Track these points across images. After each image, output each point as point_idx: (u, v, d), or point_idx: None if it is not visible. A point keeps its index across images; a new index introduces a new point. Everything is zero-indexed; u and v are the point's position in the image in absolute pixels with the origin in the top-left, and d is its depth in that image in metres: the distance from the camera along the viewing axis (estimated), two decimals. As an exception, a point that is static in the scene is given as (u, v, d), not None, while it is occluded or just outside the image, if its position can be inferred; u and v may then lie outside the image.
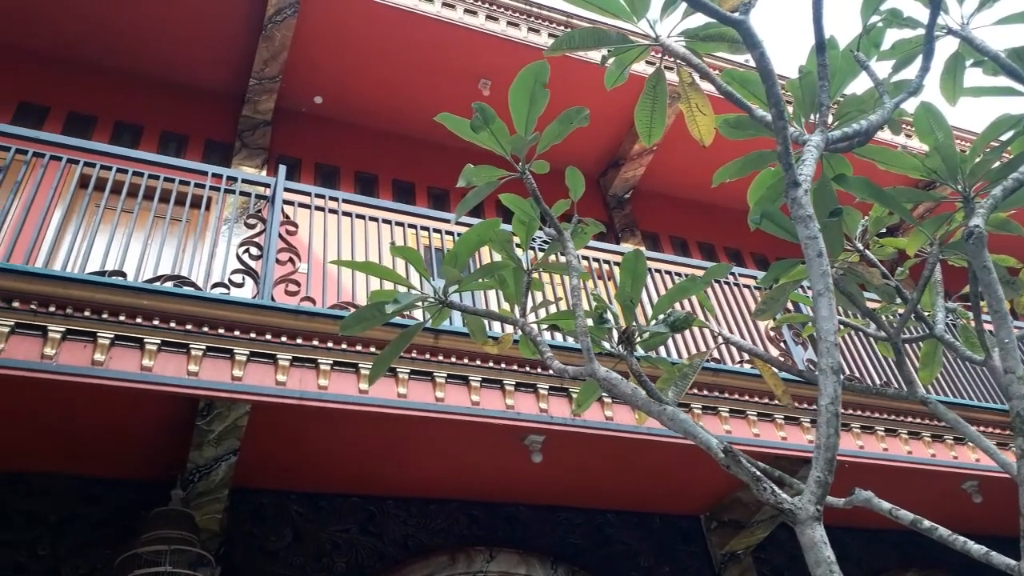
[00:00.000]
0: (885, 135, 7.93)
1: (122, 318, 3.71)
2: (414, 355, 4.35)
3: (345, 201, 5.13)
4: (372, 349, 4.32)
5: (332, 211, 5.02)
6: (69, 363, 3.56)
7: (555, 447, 4.91)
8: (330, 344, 4.22)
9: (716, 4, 1.77)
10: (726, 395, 5.07)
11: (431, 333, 4.38)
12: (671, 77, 7.62)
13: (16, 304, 3.57)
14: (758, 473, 1.43)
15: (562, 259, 4.28)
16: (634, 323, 2.24)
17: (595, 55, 7.54)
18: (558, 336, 4.87)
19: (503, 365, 4.48)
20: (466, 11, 7.16)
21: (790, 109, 2.17)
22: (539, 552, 5.58)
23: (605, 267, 5.61)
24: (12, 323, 3.53)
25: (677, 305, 4.93)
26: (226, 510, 4.64)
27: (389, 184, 7.68)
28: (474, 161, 7.36)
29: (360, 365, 4.25)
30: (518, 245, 2.35)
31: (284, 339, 4.08)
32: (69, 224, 5.27)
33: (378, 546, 5.13)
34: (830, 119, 2.07)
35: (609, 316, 2.33)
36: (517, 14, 7.30)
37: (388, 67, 7.37)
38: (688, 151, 7.14)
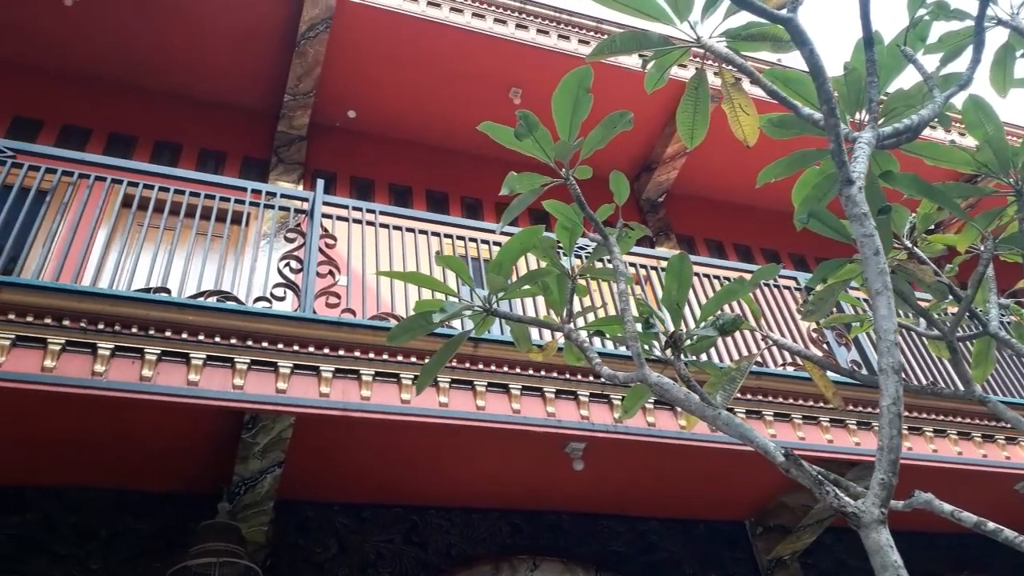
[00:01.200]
0: (924, 130, 7.80)
1: (168, 334, 3.77)
2: (454, 364, 4.36)
3: (382, 213, 5.17)
4: (413, 359, 4.33)
5: (370, 223, 5.06)
6: (118, 379, 3.62)
7: (597, 454, 4.88)
8: (371, 355, 4.24)
9: (762, 2, 1.75)
10: (770, 398, 5.00)
11: (471, 342, 4.38)
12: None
13: (67, 322, 3.65)
14: (820, 476, 1.41)
15: (604, 264, 4.27)
16: (681, 327, 2.22)
17: (626, 60, 7.51)
18: (600, 342, 4.84)
19: (543, 372, 4.46)
20: (496, 20, 7.18)
21: (835, 106, 2.14)
22: (582, 560, 5.55)
23: (642, 271, 5.58)
24: (63, 341, 3.61)
25: (725, 308, 4.88)
26: (271, 522, 4.68)
27: (423, 195, 7.73)
28: (507, 169, 7.37)
29: (401, 375, 4.27)
30: (561, 251, 2.35)
31: (326, 351, 4.12)
32: (113, 243, 5.37)
33: (422, 556, 5.13)
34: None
35: (655, 321, 2.31)
36: (546, 21, 7.31)
37: (419, 79, 7.43)
38: (722, 153, 7.06)
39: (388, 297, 5.27)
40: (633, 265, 5.48)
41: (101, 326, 3.68)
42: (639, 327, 2.33)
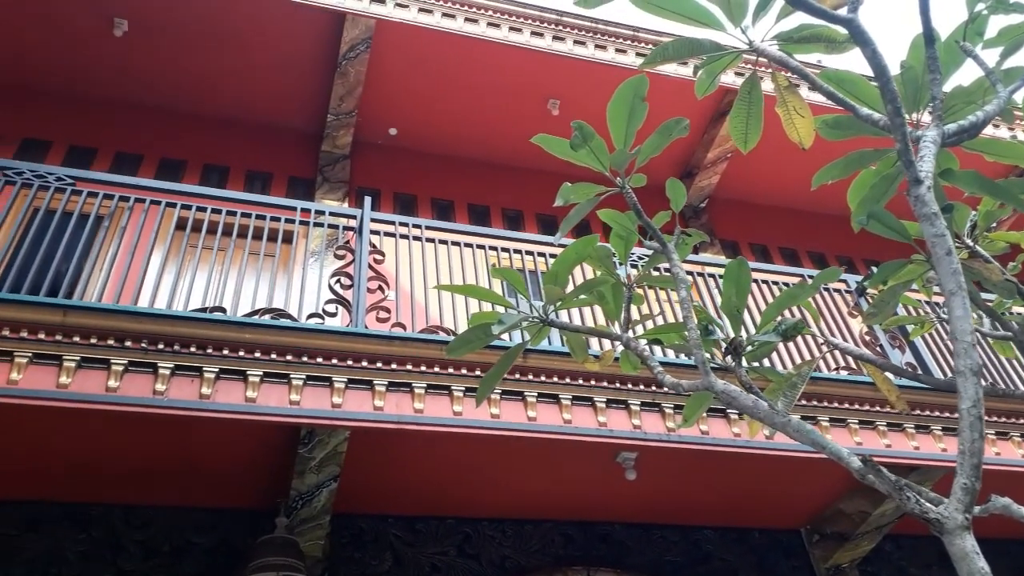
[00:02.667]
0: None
1: (226, 352, 3.85)
2: (504, 375, 4.37)
3: (428, 228, 5.23)
4: (463, 371, 4.36)
5: (416, 238, 5.11)
6: (179, 398, 3.71)
7: (649, 463, 4.85)
8: (423, 368, 4.28)
9: (818, 3, 1.74)
10: (824, 403, 4.92)
11: (521, 353, 4.39)
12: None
13: (128, 343, 3.75)
14: (901, 483, 1.39)
15: (660, 272, 4.26)
16: (741, 333, 2.21)
17: (664, 66, 7.50)
18: (657, 351, 4.81)
19: (593, 382, 4.46)
20: (533, 33, 7.22)
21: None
22: (637, 571, 5.50)
23: (687, 278, 5.54)
24: (126, 361, 3.71)
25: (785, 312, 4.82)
26: (328, 536, 4.73)
27: (464, 208, 7.79)
28: (547, 181, 7.39)
29: (453, 387, 4.30)
30: (616, 260, 2.34)
31: (379, 365, 4.17)
32: (167, 265, 5.50)
33: (476, 568, 5.14)
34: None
35: (714, 328, 2.29)
36: (583, 32, 7.33)
37: (458, 94, 7.50)
38: (764, 157, 6.98)
39: (435, 311, 5.31)
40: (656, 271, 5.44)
41: (161, 346, 3.77)
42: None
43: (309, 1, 6.61)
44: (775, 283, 5.68)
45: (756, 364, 2.37)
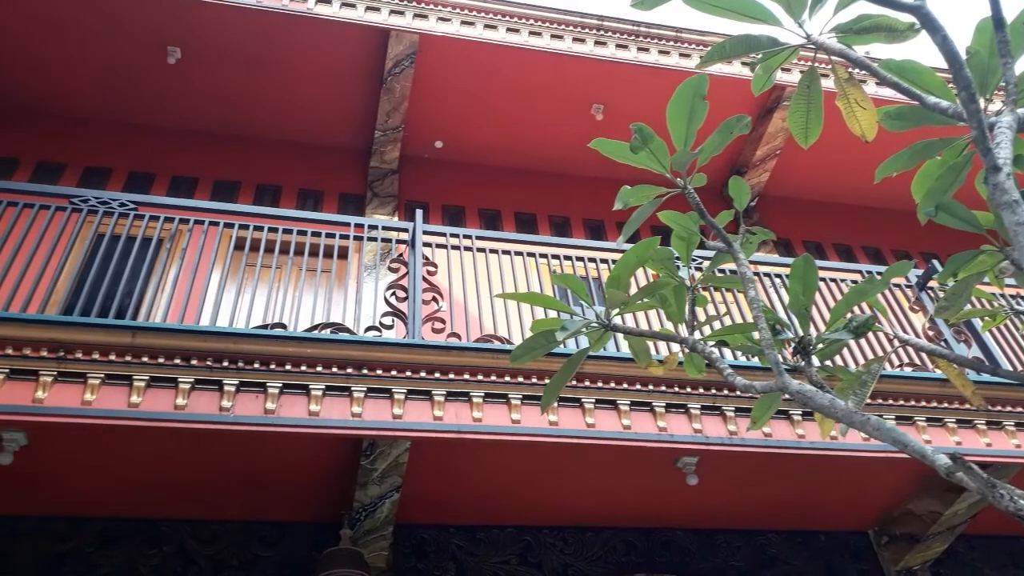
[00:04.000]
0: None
1: (288, 367, 3.92)
2: (561, 382, 4.36)
3: (479, 238, 5.26)
4: (520, 379, 4.37)
5: (467, 248, 5.15)
6: (245, 413, 3.79)
7: (711, 468, 4.79)
8: (480, 377, 4.30)
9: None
10: (890, 401, 4.80)
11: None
12: (791, 75, 7.35)
13: (194, 362, 3.84)
14: (992, 480, 1.34)
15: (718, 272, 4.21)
16: (810, 332, 2.17)
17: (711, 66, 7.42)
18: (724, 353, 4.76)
19: (651, 387, 4.42)
20: (575, 40, 7.23)
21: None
22: (701, 577, 5.43)
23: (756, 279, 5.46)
24: (192, 379, 3.80)
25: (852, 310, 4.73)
26: (391, 547, 4.77)
27: (512, 217, 7.81)
28: (593, 186, 7.40)
29: (510, 395, 4.31)
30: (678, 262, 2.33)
31: (437, 375, 4.20)
32: (225, 283, 5.63)
33: (538, 577, 5.13)
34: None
35: (781, 327, 2.26)
36: (625, 35, 7.31)
37: (503, 104, 7.53)
38: (813, 152, 6.87)
39: (488, 320, 5.33)
40: (733, 271, 5.38)
41: (226, 363, 3.86)
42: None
43: (354, 20, 6.73)
44: (834, 280, 5.57)
45: (823, 363, 2.33)
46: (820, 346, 2.20)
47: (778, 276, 5.49)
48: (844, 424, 1.72)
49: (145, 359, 3.81)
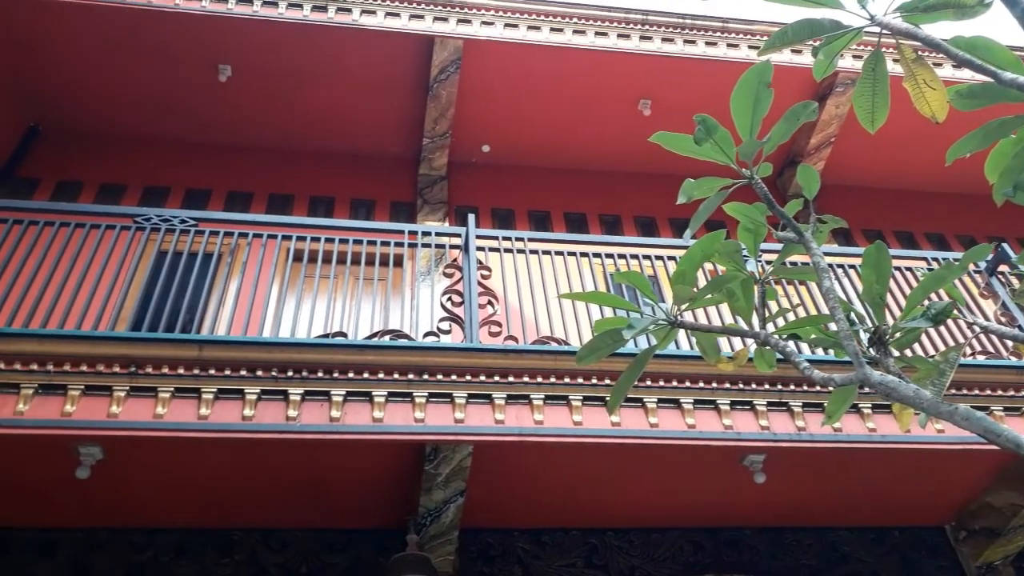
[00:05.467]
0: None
1: (351, 375, 3.97)
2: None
3: (531, 240, 5.25)
4: (580, 380, 4.35)
5: (520, 251, 5.14)
6: (310, 422, 3.84)
7: (778, 465, 4.68)
8: (539, 379, 4.29)
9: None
10: (964, 391, 4.64)
11: (634, 358, 4.33)
12: (851, 64, 7.18)
13: (260, 373, 3.91)
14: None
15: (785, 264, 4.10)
16: (886, 321, 2.10)
17: (753, 54, 7.30)
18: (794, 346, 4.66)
19: (715, 384, 4.35)
20: (619, 36, 7.17)
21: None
22: (771, 576, 5.32)
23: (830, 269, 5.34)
24: (259, 390, 3.87)
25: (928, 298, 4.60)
26: (457, 551, 4.78)
27: (561, 217, 7.78)
28: (642, 182, 7.30)
29: (571, 397, 4.29)
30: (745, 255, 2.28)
31: (496, 378, 4.20)
32: (283, 294, 5.73)
33: (605, 579, 5.09)
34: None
35: (855, 317, 2.20)
36: (670, 29, 7.23)
37: (548, 105, 7.52)
38: (869, 138, 6.70)
39: (544, 322, 5.31)
40: (794, 263, 5.26)
41: (290, 373, 3.92)
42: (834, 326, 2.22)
43: (398, 29, 6.79)
44: (898, 269, 5.41)
45: (899, 353, 2.25)
46: (896, 336, 2.13)
47: (840, 267, 5.35)
48: (929, 415, 1.65)
49: (212, 371, 3.89)
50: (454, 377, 4.11)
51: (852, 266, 5.49)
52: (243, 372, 3.91)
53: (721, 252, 2.19)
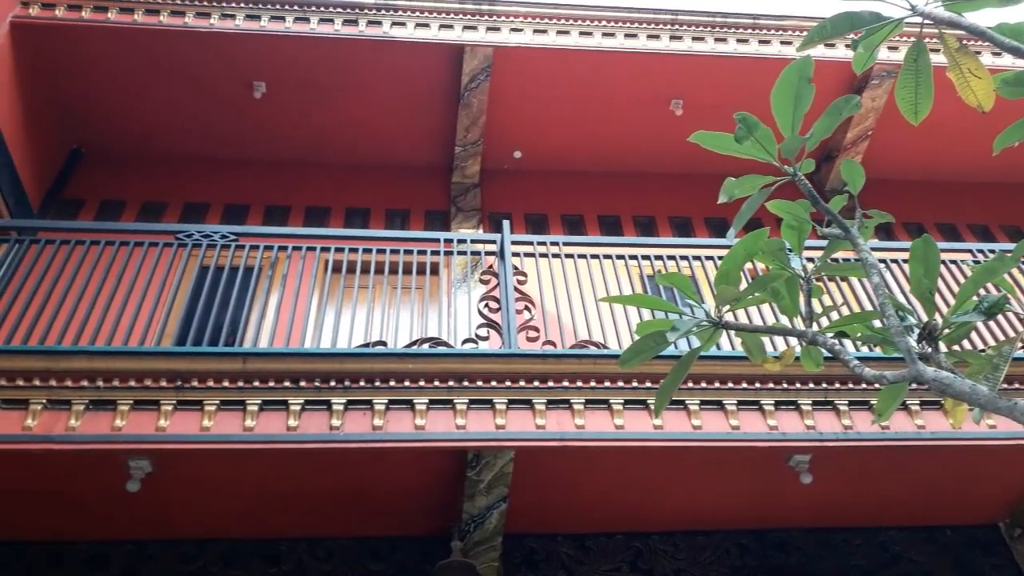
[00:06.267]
0: None
1: (392, 383, 4.00)
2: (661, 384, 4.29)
3: (566, 244, 5.25)
4: (620, 384, 4.33)
5: (555, 255, 5.14)
6: (354, 431, 3.88)
7: (825, 465, 4.61)
8: (579, 383, 4.28)
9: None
10: (1016, 385, 4.53)
11: (676, 360, 4.30)
12: (886, 55, 7.07)
13: (303, 383, 3.95)
14: None
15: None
16: (935, 316, 2.06)
17: (786, 49, 7.22)
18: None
19: (758, 385, 4.30)
20: (649, 37, 7.14)
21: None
22: (821, 578, 5.23)
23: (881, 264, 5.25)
24: (302, 400, 3.91)
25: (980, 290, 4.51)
26: (501, 557, 4.78)
27: (595, 220, 7.76)
28: (676, 183, 7.24)
29: (611, 401, 4.27)
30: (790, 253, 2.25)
31: (536, 383, 4.20)
32: (324, 305, 5.79)
33: (651, 583, 5.04)
34: None
35: (904, 313, 2.16)
36: (701, 27, 7.18)
37: (579, 109, 7.51)
38: (909, 130, 6.59)
39: (582, 326, 5.30)
40: (835, 260, 5.18)
41: (333, 383, 3.96)
42: (878, 323, 2.18)
43: (429, 39, 6.84)
44: (942, 261, 5.30)
45: (961, 348, 2.21)
46: (947, 331, 2.09)
47: (883, 261, 5.26)
48: (985, 411, 1.62)
49: (256, 383, 3.95)
50: (494, 383, 4.12)
51: (895, 260, 5.40)
52: (287, 383, 3.96)
53: (765, 251, 2.17)
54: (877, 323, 2.22)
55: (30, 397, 3.89)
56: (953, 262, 5.40)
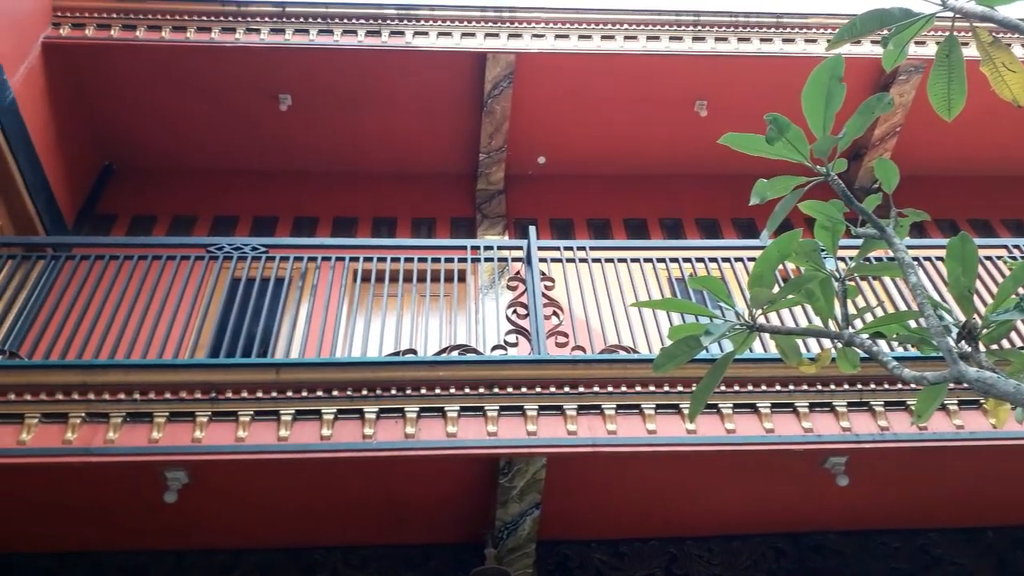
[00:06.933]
0: None
1: (423, 391, 4.01)
2: (694, 388, 4.26)
3: (593, 248, 5.24)
4: (651, 388, 4.31)
5: (583, 260, 5.13)
6: (386, 439, 3.89)
7: (861, 466, 4.54)
8: (610, 388, 4.27)
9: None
10: (1058, 383, 4.43)
11: (708, 363, 4.26)
12: (918, 50, 6.99)
13: (335, 392, 3.98)
14: None
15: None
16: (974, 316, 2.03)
17: (809, 47, 7.16)
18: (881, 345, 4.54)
19: (792, 387, 4.25)
20: (671, 38, 7.11)
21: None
22: (860, 581, 5.15)
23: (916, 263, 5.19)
24: (335, 410, 3.94)
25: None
26: (535, 564, 4.76)
27: (621, 224, 7.73)
28: (701, 185, 7.20)
29: (643, 406, 4.25)
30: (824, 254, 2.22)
31: (567, 389, 4.19)
32: (353, 314, 5.83)
33: (687, 588, 5.00)
34: None
35: (941, 312, 2.13)
36: (723, 28, 7.14)
37: (603, 112, 7.49)
38: (936, 126, 6.50)
39: (611, 330, 5.28)
40: (867, 260, 5.11)
41: (365, 392, 3.98)
42: (915, 322, 2.15)
43: (451, 48, 6.88)
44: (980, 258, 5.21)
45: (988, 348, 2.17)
46: (986, 330, 2.05)
47: (915, 259, 5.19)
48: (1033, 411, 1.59)
49: (290, 393, 3.98)
50: (524, 389, 4.12)
51: (927, 258, 5.32)
52: (319, 392, 3.99)
53: (798, 252, 2.14)
54: (912, 323, 2.19)
55: (69, 411, 3.96)
56: (988, 258, 5.30)
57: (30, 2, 6.45)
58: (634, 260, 5.23)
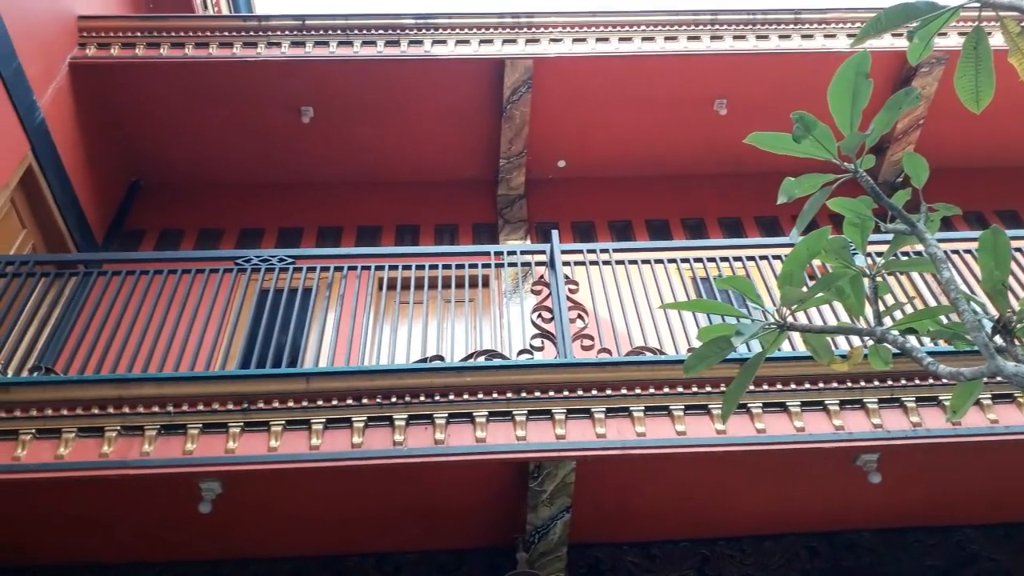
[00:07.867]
0: None
1: (451, 397, 4.03)
2: (723, 388, 4.25)
3: (616, 251, 5.23)
4: (679, 390, 4.30)
5: (606, 263, 5.13)
6: (416, 445, 3.92)
7: (894, 463, 4.50)
8: (638, 391, 4.26)
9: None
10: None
11: (733, 363, 4.25)
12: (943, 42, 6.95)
13: (365, 400, 4.02)
14: None
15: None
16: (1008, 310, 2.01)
17: (828, 43, 7.11)
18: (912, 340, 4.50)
19: (822, 384, 4.23)
20: (689, 38, 7.10)
21: None
22: (896, 580, 5.09)
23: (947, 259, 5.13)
24: (365, 417, 3.98)
25: None
26: (566, 567, 4.77)
27: (643, 225, 7.72)
28: (723, 185, 7.17)
29: (671, 407, 4.24)
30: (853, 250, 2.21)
31: (594, 392, 4.20)
32: (379, 322, 5.87)
33: (720, 589, 4.98)
34: None
35: (975, 306, 2.11)
36: (741, 26, 7.11)
37: (622, 114, 7.49)
38: (961, 117, 6.42)
39: (637, 332, 5.28)
40: (896, 255, 5.07)
41: (394, 399, 4.01)
42: (947, 318, 2.13)
43: (469, 55, 6.91)
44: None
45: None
46: (1020, 324, 2.03)
47: (976, 251, 5.13)
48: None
49: (320, 402, 4.02)
50: (552, 393, 4.13)
51: (955, 251, 5.26)
52: (349, 401, 4.03)
53: (827, 249, 2.14)
54: (944, 318, 2.18)
55: (105, 424, 4.03)
56: (1018, 250, 5.24)
57: (57, 24, 6.58)
58: (657, 261, 5.22)
